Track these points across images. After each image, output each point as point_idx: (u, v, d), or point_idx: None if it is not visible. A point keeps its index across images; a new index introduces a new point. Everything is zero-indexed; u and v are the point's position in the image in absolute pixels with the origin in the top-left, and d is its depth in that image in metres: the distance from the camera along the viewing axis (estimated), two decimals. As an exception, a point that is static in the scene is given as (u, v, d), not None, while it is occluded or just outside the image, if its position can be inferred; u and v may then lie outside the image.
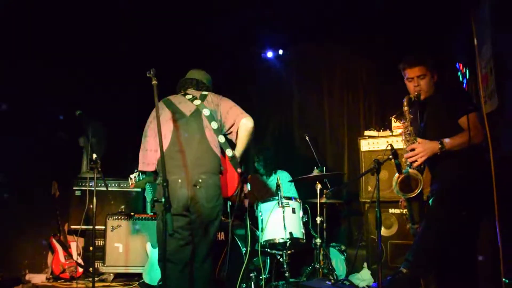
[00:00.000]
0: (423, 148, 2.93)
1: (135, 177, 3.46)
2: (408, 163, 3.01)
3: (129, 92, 5.99)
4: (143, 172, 3.38)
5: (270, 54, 6.31)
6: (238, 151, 3.29)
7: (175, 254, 2.99)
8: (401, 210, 3.36)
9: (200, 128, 3.13)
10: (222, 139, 3.18)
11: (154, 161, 3.15)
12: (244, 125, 3.20)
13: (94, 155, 3.58)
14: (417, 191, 2.98)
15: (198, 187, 3.01)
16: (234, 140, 3.30)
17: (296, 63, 6.21)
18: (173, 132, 3.11)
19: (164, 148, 2.86)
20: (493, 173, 2.32)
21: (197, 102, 3.22)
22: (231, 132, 3.27)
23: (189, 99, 3.25)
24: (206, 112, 3.17)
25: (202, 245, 3.10)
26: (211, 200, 3.07)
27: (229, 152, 3.19)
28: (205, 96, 3.29)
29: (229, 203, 3.94)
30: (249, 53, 6.31)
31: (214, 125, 3.15)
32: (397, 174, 3.05)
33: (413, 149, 2.97)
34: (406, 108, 3.12)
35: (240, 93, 6.10)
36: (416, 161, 2.96)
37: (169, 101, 3.29)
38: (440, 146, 2.88)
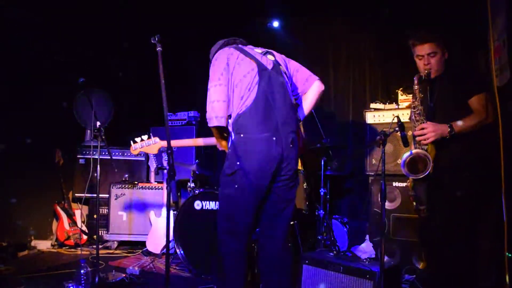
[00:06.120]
0: (433, 129, 2.85)
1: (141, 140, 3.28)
2: (415, 144, 2.96)
3: (131, 61, 5.92)
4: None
5: (276, 24, 6.17)
6: (305, 112, 2.98)
7: (244, 228, 2.69)
8: (409, 191, 3.27)
9: (283, 84, 2.77)
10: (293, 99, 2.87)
11: (226, 114, 2.70)
12: (317, 87, 2.97)
13: (98, 123, 3.54)
14: (426, 172, 2.90)
15: (291, 146, 2.70)
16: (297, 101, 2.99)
17: (302, 35, 6.08)
18: (259, 85, 2.69)
19: (251, 102, 2.64)
20: (501, 149, 2.29)
21: (271, 57, 2.86)
22: (299, 92, 2.99)
23: (260, 53, 2.86)
24: (283, 68, 2.86)
25: (281, 221, 2.78)
26: (298, 162, 2.77)
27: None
28: (272, 52, 2.92)
29: None
30: (253, 23, 6.19)
31: (289, 84, 2.87)
32: (404, 156, 2.99)
33: (422, 128, 2.90)
34: (416, 87, 2.98)
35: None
36: (424, 140, 2.89)
37: (242, 49, 2.84)
38: (449, 129, 2.82)
